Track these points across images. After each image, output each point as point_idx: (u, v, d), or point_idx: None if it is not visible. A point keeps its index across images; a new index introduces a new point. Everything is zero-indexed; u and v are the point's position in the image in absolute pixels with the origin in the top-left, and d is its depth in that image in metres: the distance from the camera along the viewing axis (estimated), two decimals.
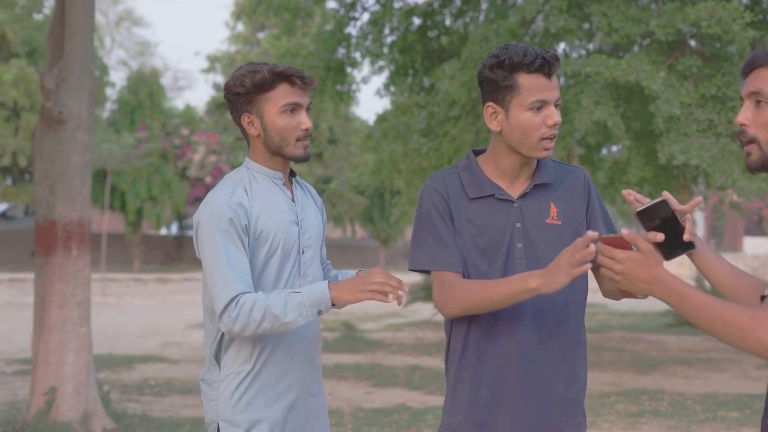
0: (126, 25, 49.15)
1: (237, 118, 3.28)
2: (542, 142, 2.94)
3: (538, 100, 2.91)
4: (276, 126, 3.22)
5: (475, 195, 3.01)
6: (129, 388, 10.05)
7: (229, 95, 3.27)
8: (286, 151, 3.26)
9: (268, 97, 3.21)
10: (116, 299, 23.28)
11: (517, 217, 3.01)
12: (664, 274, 2.34)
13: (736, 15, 9.40)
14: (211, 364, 3.24)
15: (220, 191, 3.18)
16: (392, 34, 14.06)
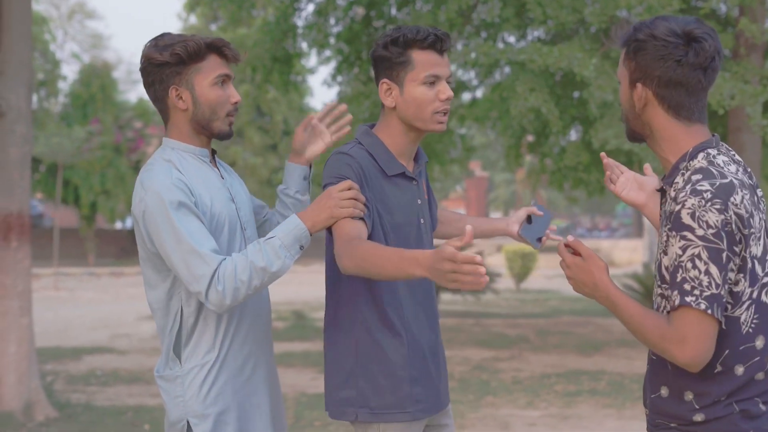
0: (78, 18, 48.71)
1: (161, 91, 3.03)
2: (436, 115, 3.07)
3: (431, 74, 3.03)
4: (208, 98, 3.02)
5: (392, 172, 3.10)
6: (75, 378, 10.09)
7: (151, 66, 3.02)
8: (214, 126, 3.06)
9: (200, 68, 3.01)
10: (69, 293, 23.20)
11: (418, 193, 3.18)
12: (604, 281, 2.47)
13: (665, 2, 9.60)
14: (170, 359, 3.04)
15: (156, 174, 2.94)
16: (338, 24, 14.16)
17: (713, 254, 2.29)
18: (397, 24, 13.85)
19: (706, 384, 2.43)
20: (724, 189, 2.32)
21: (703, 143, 2.46)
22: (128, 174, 33.70)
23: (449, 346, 12.47)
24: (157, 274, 3.03)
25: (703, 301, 2.30)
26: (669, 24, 2.44)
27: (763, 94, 10.24)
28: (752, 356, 2.42)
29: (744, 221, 2.33)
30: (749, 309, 2.40)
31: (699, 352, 2.33)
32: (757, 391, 2.44)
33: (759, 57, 12.13)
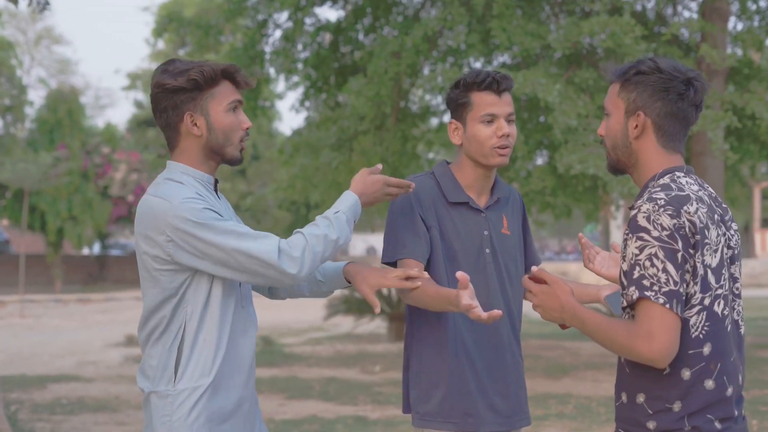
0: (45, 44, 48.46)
1: (174, 116, 3.02)
2: (494, 150, 3.35)
3: (488, 113, 3.34)
4: (222, 124, 3.02)
5: (454, 200, 3.41)
6: (40, 407, 10.00)
7: (164, 92, 3.00)
8: (227, 152, 3.06)
9: (213, 94, 3.01)
10: (35, 320, 22.99)
11: (485, 225, 3.43)
12: (569, 302, 2.60)
13: (627, 29, 9.73)
14: (168, 375, 2.99)
15: (177, 189, 2.96)
16: (305, 50, 14.23)
17: (669, 254, 2.45)
18: (364, 49, 13.99)
19: (656, 386, 2.54)
20: (678, 199, 2.50)
21: (672, 167, 2.65)
22: (96, 200, 33.53)
23: None
24: (162, 291, 3.00)
25: (661, 296, 2.44)
26: (670, 62, 2.65)
27: (724, 119, 10.39)
28: (699, 361, 2.53)
29: (697, 228, 2.49)
30: (700, 314, 2.52)
31: (665, 345, 2.44)
32: (708, 402, 2.53)
33: (720, 82, 12.31)
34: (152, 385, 3.01)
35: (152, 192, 3.00)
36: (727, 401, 2.55)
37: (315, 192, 14.44)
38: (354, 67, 14.11)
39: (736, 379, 2.59)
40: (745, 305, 25.27)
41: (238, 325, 3.06)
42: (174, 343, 2.99)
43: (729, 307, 2.59)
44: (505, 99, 3.37)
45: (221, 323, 3.01)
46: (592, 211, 15.76)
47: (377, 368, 13.35)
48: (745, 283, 37.60)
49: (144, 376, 3.06)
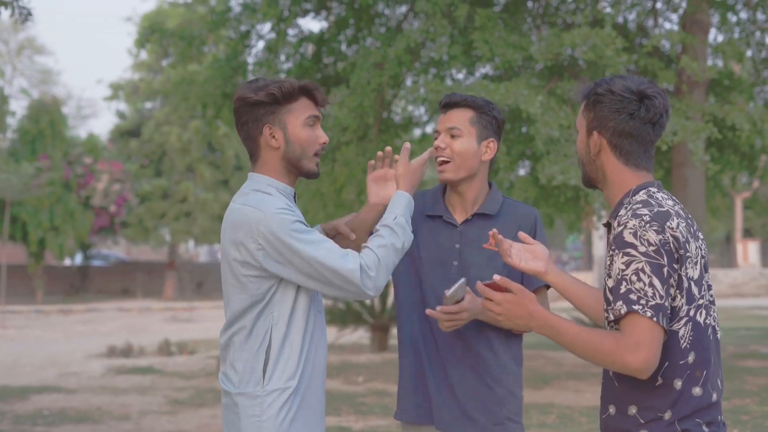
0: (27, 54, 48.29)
1: (254, 129, 3.17)
2: (438, 165, 3.51)
3: (436, 131, 3.57)
4: (300, 138, 3.16)
5: (428, 213, 3.59)
6: (22, 418, 9.96)
7: (245, 106, 3.17)
8: (303, 164, 3.20)
9: (291, 109, 3.16)
10: (16, 331, 22.89)
11: (458, 239, 3.51)
12: (539, 310, 2.69)
13: (608, 41, 9.79)
14: (256, 377, 3.12)
15: (268, 198, 3.10)
16: (288, 61, 14.24)
17: (655, 269, 2.52)
18: (347, 60, 14.02)
19: (649, 397, 2.61)
20: (661, 215, 2.58)
21: (645, 183, 2.73)
22: (78, 210, 33.41)
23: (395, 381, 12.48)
24: (249, 297, 3.12)
25: (649, 309, 2.51)
26: (625, 82, 2.72)
27: (704, 130, 10.46)
28: (686, 370, 2.61)
29: (680, 243, 2.57)
30: (687, 326, 2.60)
31: (650, 357, 2.52)
32: (696, 407, 2.61)
33: (701, 94, 12.40)
34: (239, 387, 3.14)
35: (242, 201, 3.13)
36: (713, 406, 2.63)
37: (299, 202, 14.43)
38: (337, 78, 14.13)
39: (717, 384, 2.66)
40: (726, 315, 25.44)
41: (317, 330, 3.23)
42: (262, 347, 3.12)
43: (709, 315, 2.67)
44: (449, 115, 3.53)
45: (305, 328, 3.17)
46: (574, 221, 15.82)
47: (360, 379, 13.35)
48: (726, 293, 37.79)
49: (228, 378, 3.20)
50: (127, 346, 16.97)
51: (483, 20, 11.07)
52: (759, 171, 15.44)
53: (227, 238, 3.13)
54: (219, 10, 14.14)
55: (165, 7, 35.22)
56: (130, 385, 12.67)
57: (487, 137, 3.52)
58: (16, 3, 9.46)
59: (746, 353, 16.17)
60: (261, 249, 3.04)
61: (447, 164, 3.46)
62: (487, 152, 3.52)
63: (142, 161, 36.61)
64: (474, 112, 3.52)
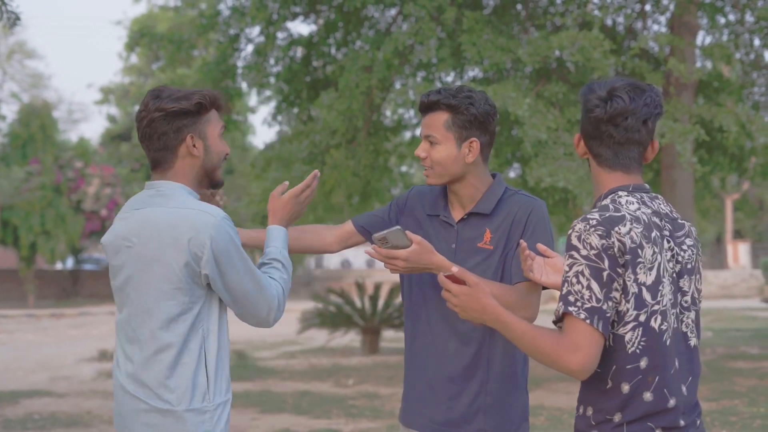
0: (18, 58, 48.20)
1: (175, 139, 3.12)
2: (424, 170, 3.46)
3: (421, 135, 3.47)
4: (218, 148, 3.20)
5: (428, 212, 3.55)
6: (12, 422, 9.95)
7: (166, 116, 3.10)
8: (216, 174, 3.23)
9: (209, 119, 3.18)
10: (7, 335, 22.85)
11: (454, 239, 3.45)
12: (491, 305, 2.68)
13: (596, 43, 9.82)
14: (201, 393, 3.08)
15: (211, 207, 3.07)
16: (277, 64, 14.27)
17: (594, 272, 2.54)
18: (336, 63, 14.05)
19: (600, 399, 2.63)
20: (611, 220, 2.59)
21: (616, 187, 2.73)
22: (68, 214, 33.37)
23: (391, 384, 12.50)
24: (182, 308, 3.07)
25: (583, 311, 2.53)
26: (606, 84, 2.73)
27: (692, 132, 10.50)
28: (636, 375, 2.61)
29: (627, 248, 2.56)
30: (635, 330, 2.60)
31: (588, 359, 2.54)
32: (647, 412, 2.60)
33: (688, 96, 12.44)
34: (182, 404, 3.07)
35: (180, 204, 3.07)
36: (669, 412, 2.62)
37: None
38: (326, 81, 14.16)
39: (679, 390, 2.65)
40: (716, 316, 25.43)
41: (226, 339, 3.21)
42: (200, 362, 3.09)
43: (671, 320, 2.66)
44: (426, 120, 3.41)
45: (226, 338, 3.19)
46: (564, 224, 15.86)
47: (351, 381, 13.36)
48: (717, 294, 37.86)
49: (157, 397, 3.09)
50: None
51: (471, 23, 11.10)
52: (749, 172, 15.49)
53: (164, 240, 3.03)
54: (208, 14, 14.16)
55: (155, 11, 35.21)
56: None
57: (467, 138, 3.36)
58: (4, 8, 9.46)
59: (736, 354, 16.22)
60: (208, 254, 3.00)
61: (429, 171, 3.41)
62: (471, 153, 3.37)
63: (133, 165, 36.60)
64: (449, 114, 3.36)
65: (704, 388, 11.74)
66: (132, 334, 3.13)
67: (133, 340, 3.13)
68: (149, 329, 3.09)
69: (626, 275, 2.57)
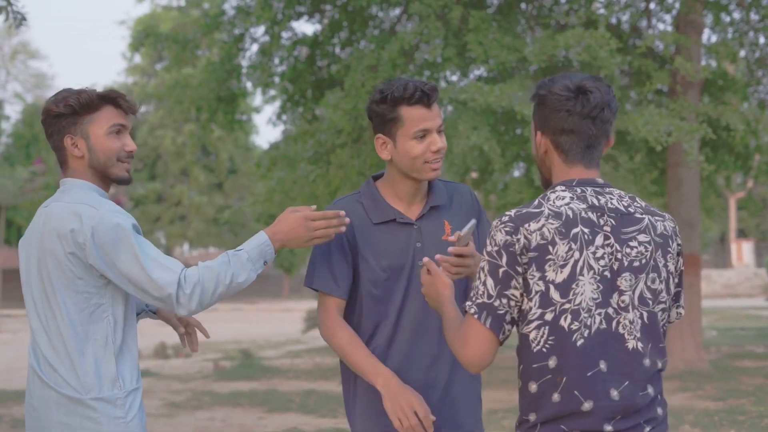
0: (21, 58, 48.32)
1: (58, 140, 3.22)
2: (427, 165, 3.23)
3: (421, 129, 3.20)
4: (104, 147, 3.20)
5: (378, 220, 3.28)
6: (20, 422, 9.96)
7: (49, 118, 3.23)
8: (110, 172, 3.24)
9: (93, 118, 3.20)
10: (11, 335, 22.89)
11: (417, 237, 3.31)
12: (443, 295, 2.77)
13: (602, 42, 9.81)
14: (110, 380, 3.12)
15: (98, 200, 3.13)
16: (282, 64, 14.26)
17: (492, 268, 2.56)
18: (341, 63, 14.03)
19: (520, 400, 2.64)
20: (524, 216, 2.58)
21: (558, 182, 2.69)
22: None
23: None
24: (83, 298, 3.13)
25: (474, 306, 2.56)
26: (565, 81, 2.69)
27: (698, 131, 10.49)
28: (544, 375, 2.57)
29: (532, 246, 2.54)
30: (540, 329, 2.56)
31: (476, 354, 2.56)
32: (558, 413, 2.55)
33: (695, 94, 12.43)
34: (90, 392, 3.11)
35: (70, 199, 3.15)
36: (584, 416, 2.54)
37: (293, 204, 14.46)
38: (330, 80, 14.15)
39: (604, 394, 2.56)
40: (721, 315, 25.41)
41: (134, 327, 3.27)
42: (107, 350, 3.14)
43: (592, 321, 2.57)
44: (435, 111, 3.24)
45: (134, 326, 3.25)
46: None
47: None
48: (721, 293, 37.85)
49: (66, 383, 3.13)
50: None
51: (477, 22, 11.09)
52: (753, 171, 15.47)
53: (54, 233, 3.09)
54: (213, 14, 14.16)
55: (158, 11, 35.23)
56: None
57: None
58: (10, 8, 9.47)
59: (741, 353, 16.21)
60: (90, 245, 3.05)
61: (440, 163, 3.28)
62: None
63: (137, 165, 36.59)
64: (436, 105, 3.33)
65: (710, 387, 11.74)
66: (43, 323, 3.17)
67: (46, 329, 3.17)
68: (54, 319, 3.14)
69: (529, 273, 2.54)
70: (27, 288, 3.23)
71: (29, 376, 3.20)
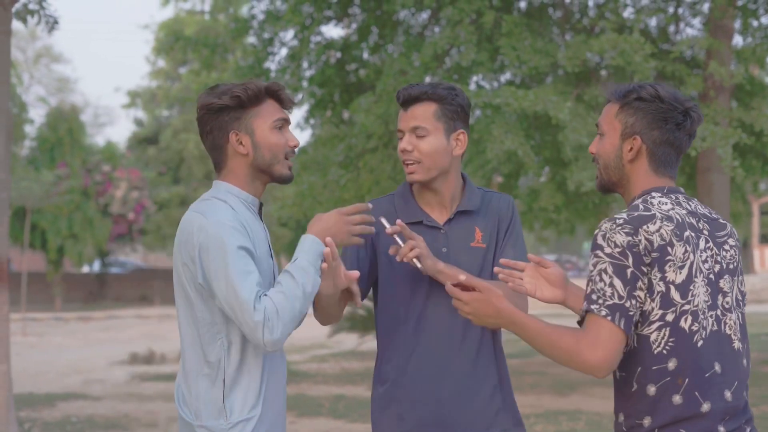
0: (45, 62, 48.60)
1: (220, 137, 3.01)
2: (407, 167, 3.27)
3: (399, 130, 3.30)
4: (269, 142, 3.00)
5: (406, 221, 3.25)
6: (50, 425, 9.99)
7: (209, 113, 3.00)
8: (275, 170, 3.04)
9: (258, 112, 3.00)
10: (37, 338, 22.97)
11: (444, 242, 3.28)
12: (506, 308, 2.67)
13: (637, 47, 9.77)
14: (217, 409, 2.93)
15: (218, 209, 2.92)
16: (311, 68, 14.27)
17: (618, 269, 2.51)
18: (370, 67, 14.03)
19: (628, 403, 2.61)
20: (640, 218, 2.56)
21: (651, 188, 2.70)
22: (96, 217, 33.52)
23: None
24: (197, 317, 2.96)
25: (604, 308, 2.51)
26: (672, 91, 2.70)
27: (733, 136, 10.43)
28: (664, 377, 2.56)
29: (654, 246, 2.53)
30: (661, 330, 2.56)
31: (607, 356, 2.51)
32: (678, 416, 2.55)
33: (727, 99, 12.36)
34: (198, 419, 2.96)
35: (194, 207, 2.98)
36: (702, 417, 2.55)
37: (320, 209, 14.47)
38: (359, 84, 14.15)
39: (720, 395, 2.58)
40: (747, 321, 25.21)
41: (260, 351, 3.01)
42: (218, 376, 2.94)
43: (708, 322, 2.59)
44: (411, 113, 3.23)
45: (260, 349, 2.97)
46: (594, 227, 15.79)
47: None
48: None
49: (186, 405, 3.01)
50: (149, 353, 17.01)
51: (509, 27, 11.07)
52: None
53: (177, 248, 2.95)
54: (242, 18, 14.18)
55: (182, 15, 35.35)
56: (155, 392, 12.69)
57: (455, 129, 3.26)
58: (42, 12, 9.52)
59: None
60: (198, 257, 2.88)
61: (416, 165, 3.23)
62: (458, 146, 3.28)
63: (160, 169, 36.73)
64: (437, 105, 3.24)
65: None
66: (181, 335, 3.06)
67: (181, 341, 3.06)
68: (181, 338, 3.03)
69: (652, 274, 2.54)
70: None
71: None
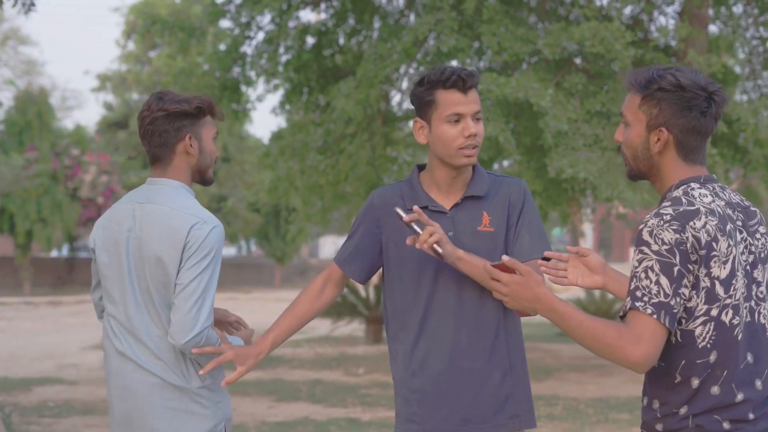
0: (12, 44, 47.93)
1: (174, 137, 3.40)
2: (461, 151, 3.22)
3: (454, 113, 3.20)
4: (211, 149, 3.47)
5: (411, 206, 3.23)
6: (28, 410, 9.94)
7: (168, 115, 3.37)
8: (208, 174, 3.51)
9: (205, 123, 3.45)
10: (7, 323, 22.81)
11: (449, 226, 3.28)
12: (545, 294, 2.64)
13: (617, 35, 9.83)
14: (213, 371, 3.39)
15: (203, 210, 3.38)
16: (287, 53, 14.22)
17: (665, 267, 2.50)
18: (348, 53, 14.01)
19: (667, 394, 2.62)
20: (686, 214, 2.54)
21: (689, 178, 2.67)
22: (65, 202, 33.27)
23: None
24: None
25: (650, 306, 2.49)
26: (690, 76, 2.65)
27: None
28: (705, 369, 2.59)
29: (702, 244, 2.52)
30: (706, 325, 2.57)
31: (650, 352, 2.50)
32: (714, 405, 2.58)
33: None
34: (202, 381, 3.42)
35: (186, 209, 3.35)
36: (736, 406, 2.59)
37: (295, 195, 14.46)
38: (336, 69, 14.12)
39: (751, 385, 2.62)
40: None
41: None
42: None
43: (744, 314, 2.62)
44: (471, 97, 3.24)
45: None
46: (567, 214, 15.86)
47: (361, 370, 13.39)
48: None
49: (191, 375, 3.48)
50: None
51: (490, 13, 11.10)
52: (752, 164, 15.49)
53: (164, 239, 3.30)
54: (219, 1, 14.10)
55: None
56: None
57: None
58: None
59: None
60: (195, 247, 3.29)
61: (476, 149, 3.27)
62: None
63: (130, 153, 36.52)
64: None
65: None
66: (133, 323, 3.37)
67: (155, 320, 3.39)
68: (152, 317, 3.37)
69: (698, 270, 2.54)
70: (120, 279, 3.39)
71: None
